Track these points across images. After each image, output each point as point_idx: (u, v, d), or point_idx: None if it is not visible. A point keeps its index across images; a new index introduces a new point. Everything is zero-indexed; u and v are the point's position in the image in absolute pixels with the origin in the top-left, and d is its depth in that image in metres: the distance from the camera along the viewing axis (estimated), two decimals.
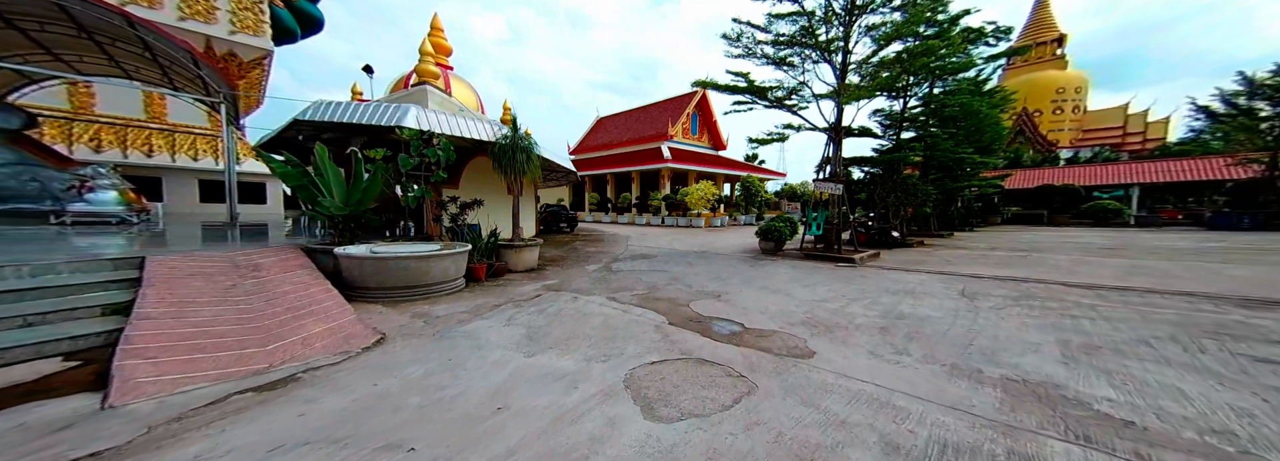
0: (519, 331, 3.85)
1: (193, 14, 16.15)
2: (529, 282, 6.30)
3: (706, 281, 6.59)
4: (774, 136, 10.02)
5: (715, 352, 3.35)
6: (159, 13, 15.54)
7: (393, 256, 4.80)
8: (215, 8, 17.26)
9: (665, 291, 5.79)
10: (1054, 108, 41.24)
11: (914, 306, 4.95)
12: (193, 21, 16.21)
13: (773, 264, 8.57)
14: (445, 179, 6.34)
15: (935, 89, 13.15)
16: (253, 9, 17.47)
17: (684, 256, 9.77)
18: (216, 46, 17.22)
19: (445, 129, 6.69)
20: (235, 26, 17.03)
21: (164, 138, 17.37)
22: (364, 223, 6.22)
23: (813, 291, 5.85)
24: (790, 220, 10.77)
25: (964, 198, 17.48)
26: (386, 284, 4.81)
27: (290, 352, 3.02)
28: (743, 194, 26.34)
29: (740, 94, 9.87)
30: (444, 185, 9.28)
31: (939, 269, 7.81)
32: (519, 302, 4.98)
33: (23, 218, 8.91)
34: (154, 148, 16.94)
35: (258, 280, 4.22)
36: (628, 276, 7.04)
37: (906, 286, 6.22)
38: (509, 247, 7.18)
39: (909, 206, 11.91)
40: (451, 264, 5.35)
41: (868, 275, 7.25)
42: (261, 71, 17.73)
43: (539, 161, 7.47)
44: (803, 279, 6.84)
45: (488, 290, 5.65)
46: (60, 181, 9.42)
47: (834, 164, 9.67)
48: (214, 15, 16.67)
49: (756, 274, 7.32)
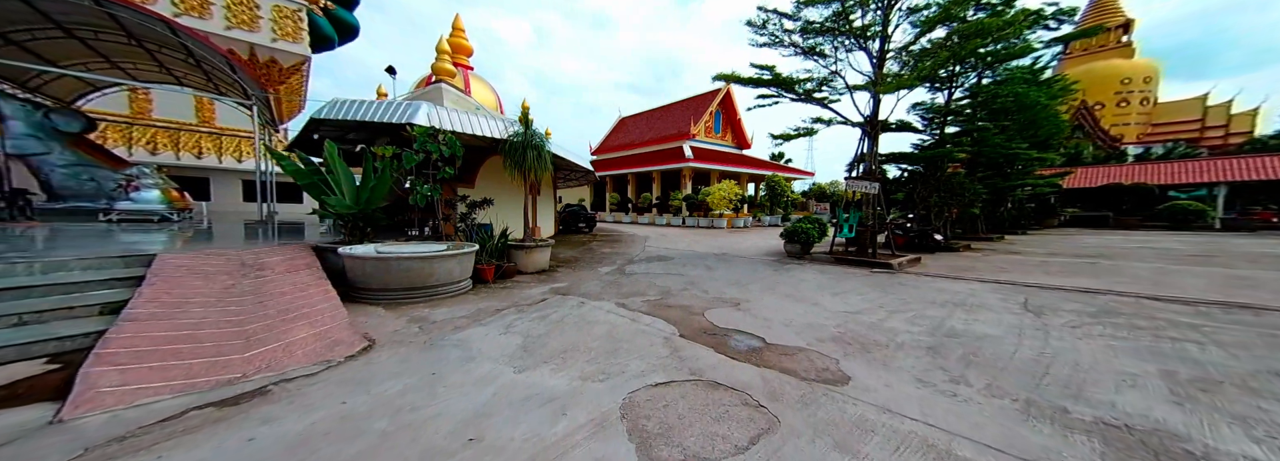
0: (515, 341, 3.54)
1: (238, 23, 17.04)
2: (537, 285, 6.03)
3: (725, 287, 6.11)
4: (801, 131, 9.37)
5: (731, 374, 2.92)
6: (208, 23, 16.47)
7: (395, 257, 4.62)
8: (258, 17, 18.12)
9: (679, 297, 5.37)
10: (1118, 100, 37.71)
11: (968, 322, 4.31)
12: (238, 30, 17.10)
13: (799, 269, 7.96)
14: (452, 176, 6.17)
15: (984, 79, 12.06)
16: (292, 17, 18.29)
17: (702, 259, 9.29)
18: (259, 53, 18.11)
19: (456, 126, 6.53)
20: (276, 34, 17.89)
21: (212, 140, 18.46)
22: (375, 221, 6.14)
23: (845, 301, 5.26)
24: (818, 221, 10.07)
25: (1014, 197, 16.03)
26: (389, 285, 4.64)
27: (269, 360, 2.82)
28: (768, 194, 25.43)
29: (765, 87, 9.28)
30: (459, 184, 9.22)
31: (992, 277, 6.98)
32: (522, 307, 4.69)
33: (72, 215, 9.50)
34: (203, 150, 18.02)
35: (258, 280, 4.12)
36: (641, 280, 6.66)
37: (955, 297, 5.52)
38: (519, 248, 6.95)
39: (955, 207, 10.91)
40: (456, 265, 5.14)
41: (908, 283, 6.55)
42: (301, 76, 18.54)
43: (551, 159, 7.21)
44: (833, 286, 6.24)
45: (493, 293, 5.41)
46: (112, 181, 10.02)
47: (869, 161, 8.93)
48: (257, 24, 17.56)
49: (781, 279, 6.77)
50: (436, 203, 6.28)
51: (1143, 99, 37.13)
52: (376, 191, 5.72)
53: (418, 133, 5.65)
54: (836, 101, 9.42)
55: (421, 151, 5.65)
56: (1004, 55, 9.55)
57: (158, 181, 9.93)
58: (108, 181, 10.10)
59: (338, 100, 6.45)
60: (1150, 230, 17.42)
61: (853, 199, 9.77)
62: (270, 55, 18.75)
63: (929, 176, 10.60)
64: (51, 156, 10.11)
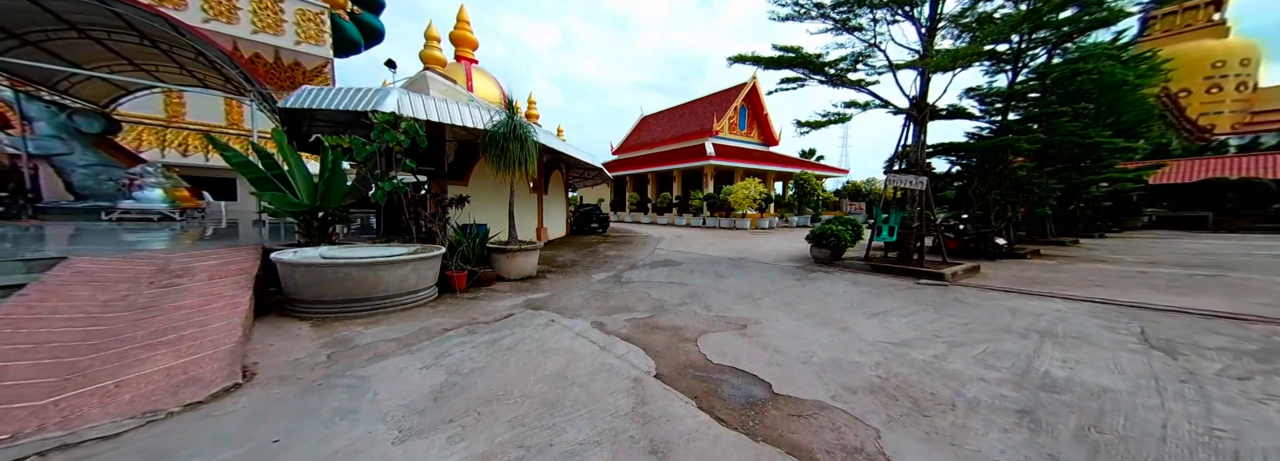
0: (433, 380, 2.68)
1: (263, 27, 17.48)
2: (512, 296, 5.20)
3: (732, 301, 5.05)
4: (831, 118, 8.09)
5: (710, 454, 1.92)
6: (236, 27, 16.95)
7: (329, 263, 3.90)
8: (282, 20, 18.50)
9: (673, 315, 4.37)
10: (1208, 86, 33.07)
11: (1068, 364, 3.08)
12: (264, 34, 17.53)
13: (826, 278, 6.75)
14: (414, 169, 5.46)
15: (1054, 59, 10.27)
16: (314, 20, 18.62)
17: (714, 265, 8.21)
18: (284, 57, 18.53)
19: (431, 115, 5.81)
20: (299, 37, 18.23)
21: (240, 142, 19.05)
22: (344, 220, 5.53)
23: (885, 324, 4.10)
24: (852, 222, 8.76)
25: (1089, 194, 13.85)
26: (323, 296, 3.93)
27: (72, 410, 2.09)
28: (796, 192, 23.77)
29: (788, 68, 8.06)
30: (451, 181, 8.59)
31: (1081, 293, 5.54)
32: (476, 327, 3.85)
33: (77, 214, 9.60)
34: None
35: (165, 290, 3.49)
36: (636, 290, 5.70)
37: (1038, 322, 4.22)
38: (500, 252, 6.16)
39: (1022, 205, 9.25)
40: (411, 272, 4.38)
41: (967, 299, 5.25)
42: (324, 78, 18.83)
43: (537, 151, 6.38)
44: (869, 303, 5.04)
45: (454, 306, 4.62)
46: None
47: (915, 152, 7.55)
48: (281, 27, 17.95)
49: (803, 293, 5.62)
50: (401, 199, 5.58)
51: (1239, 84, 32.34)
52: (333, 187, 5.08)
53: (377, 120, 4.96)
54: (874, 83, 8.10)
55: (379, 141, 4.95)
56: (1087, 23, 7.90)
57: (161, 180, 9.92)
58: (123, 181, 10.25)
59: (305, 89, 5.89)
60: (1267, 234, 14.62)
61: (893, 197, 8.40)
62: (294, 58, 19.14)
63: (989, 170, 9.02)
64: (73, 157, 10.39)
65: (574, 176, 19.83)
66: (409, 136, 5.06)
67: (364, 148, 4.85)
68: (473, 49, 14.15)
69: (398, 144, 4.98)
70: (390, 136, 4.91)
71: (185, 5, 15.61)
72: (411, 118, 5.17)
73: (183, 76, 13.39)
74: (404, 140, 5.01)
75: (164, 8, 14.25)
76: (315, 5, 18.49)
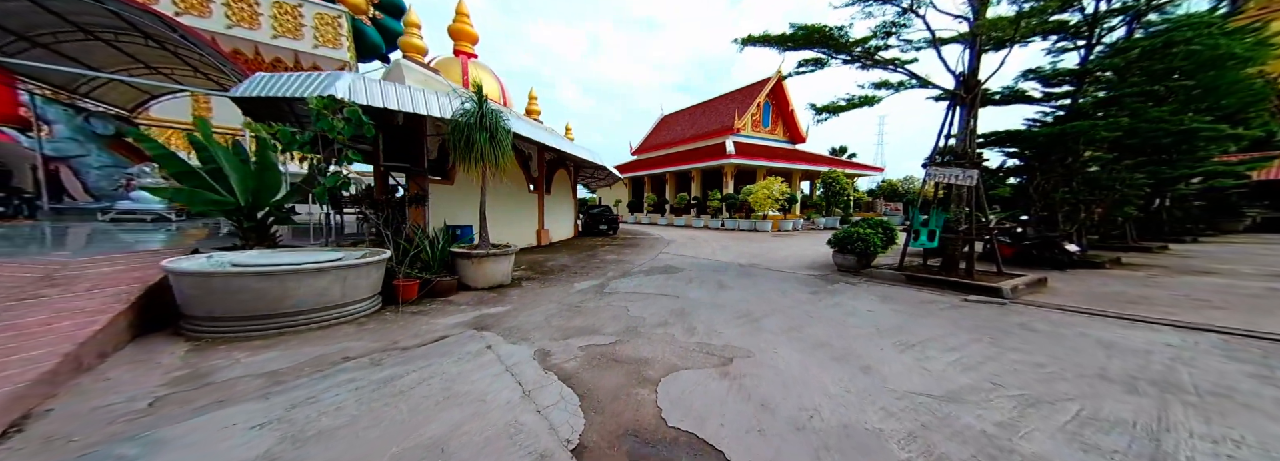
0: (248, 453, 1.90)
1: (283, 32, 17.80)
2: (467, 310, 4.43)
3: (726, 322, 4.07)
4: (855, 101, 6.91)
5: None
6: (257, 33, 17.32)
7: (219, 272, 3.24)
8: (302, 25, 18.81)
9: (643, 341, 3.46)
10: None
11: (1218, 445, 1.94)
12: (284, 39, 17.83)
13: (850, 292, 5.61)
14: (355, 161, 4.81)
15: (1136, 33, 8.61)
16: (333, 24, 18.85)
17: (720, 272, 7.19)
18: (303, 60, 18.88)
19: (390, 103, 5.16)
20: (318, 41, 18.50)
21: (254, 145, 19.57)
22: (278, 219, 4.97)
23: (923, 363, 3.02)
24: (884, 224, 7.52)
25: (1175, 192, 11.77)
26: (215, 312, 3.27)
27: None
28: (824, 192, 22.13)
29: (808, 47, 6.95)
30: (434, 179, 7.99)
31: (1194, 317, 4.19)
32: (387, 355, 3.07)
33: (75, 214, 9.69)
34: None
35: (18, 302, 2.92)
36: (615, 303, 4.82)
37: (1146, 363, 3.02)
38: (466, 258, 5.43)
39: (1098, 205, 7.68)
40: (334, 283, 3.68)
41: (1037, 325, 4.03)
42: None
43: (510, 142, 5.62)
44: (903, 328, 3.93)
45: (387, 323, 3.88)
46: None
47: (965, 141, 6.28)
48: (301, 32, 18.26)
49: (818, 311, 4.55)
50: (341, 195, 4.94)
51: None
52: (266, 182, 4.50)
53: (312, 106, 4.33)
54: (911, 61, 6.86)
55: (315, 129, 4.32)
56: None
57: (159, 180, 9.92)
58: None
59: (258, 76, 5.39)
60: None
61: (934, 196, 7.11)
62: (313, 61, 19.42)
63: (1056, 163, 7.52)
64: (89, 158, 10.66)
65: (584, 176, 19.19)
66: (352, 123, 4.41)
67: (293, 137, 4.23)
68: (472, 43, 13.72)
69: (336, 132, 4.32)
70: (325, 123, 4.27)
71: (209, 12, 16.07)
72: (353, 102, 4.51)
73: (198, 79, 13.67)
74: (343, 127, 4.35)
75: (188, 14, 14.68)
76: (333, 9, 18.75)
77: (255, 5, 17.54)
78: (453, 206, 8.45)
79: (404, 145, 6.69)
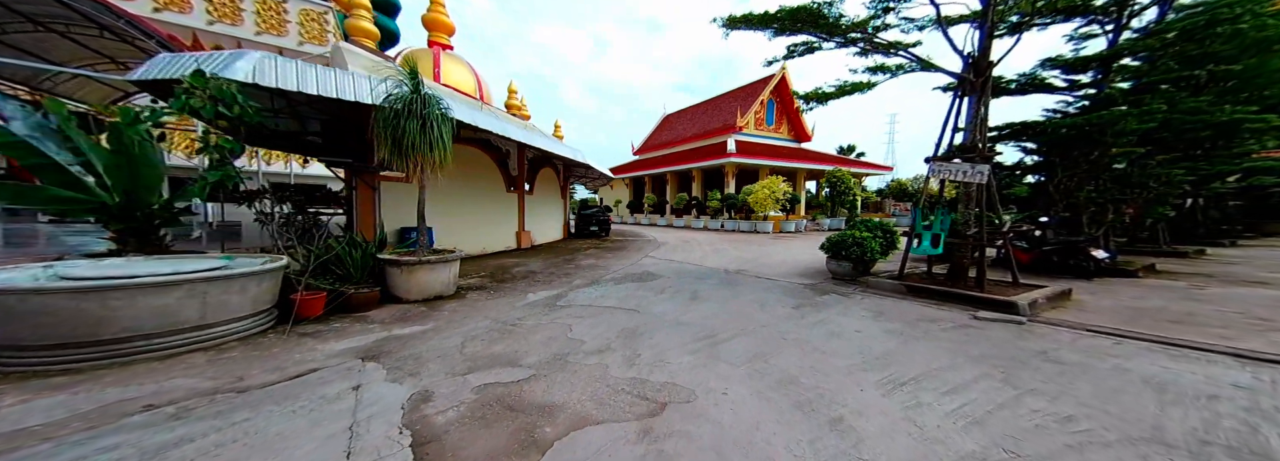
0: None
1: (268, 29, 17.33)
2: (369, 332, 3.75)
3: (681, 347, 3.35)
4: (845, 87, 6.12)
5: None
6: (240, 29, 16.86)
7: (11, 289, 2.59)
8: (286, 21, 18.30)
9: (564, 378, 2.75)
10: None
11: None
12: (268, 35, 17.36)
13: (840, 305, 4.84)
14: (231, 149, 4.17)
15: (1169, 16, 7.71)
16: (318, 20, 18.35)
17: (701, 280, 6.46)
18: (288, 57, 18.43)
19: (305, 86, 4.49)
20: (303, 38, 17.99)
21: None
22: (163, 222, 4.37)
23: (915, 411, 2.28)
24: (883, 227, 6.73)
25: (1211, 190, 10.74)
26: (23, 340, 2.63)
27: None
28: (829, 192, 21.21)
29: (796, 30, 6.17)
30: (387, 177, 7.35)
31: (1259, 343, 3.35)
32: (197, 405, 2.39)
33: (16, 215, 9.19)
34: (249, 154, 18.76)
35: None
36: (561, 321, 4.11)
37: (1214, 413, 2.23)
38: (396, 266, 4.76)
39: (1129, 205, 6.80)
40: (185, 300, 3.03)
41: (1064, 353, 3.23)
42: None
43: (449, 133, 4.94)
44: (894, 356, 3.17)
45: (256, 350, 3.21)
46: None
47: (972, 132, 5.47)
48: (285, 29, 17.73)
49: (795, 331, 3.80)
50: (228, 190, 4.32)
51: None
52: (142, 175, 3.90)
53: (187, 83, 3.70)
54: (913, 44, 6.06)
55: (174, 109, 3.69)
56: None
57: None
58: None
59: (160, 57, 4.77)
60: None
61: (940, 195, 6.30)
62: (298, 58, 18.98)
63: (1079, 158, 6.64)
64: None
65: (577, 176, 18.53)
66: (227, 106, 3.77)
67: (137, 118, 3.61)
68: (448, 34, 13.10)
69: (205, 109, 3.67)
70: (178, 103, 3.64)
71: (190, 8, 15.64)
72: (223, 78, 3.87)
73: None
74: (204, 106, 3.71)
75: (169, 10, 14.26)
76: (318, 5, 18.31)
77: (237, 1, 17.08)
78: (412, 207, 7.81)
79: (345, 138, 6.07)
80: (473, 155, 9.74)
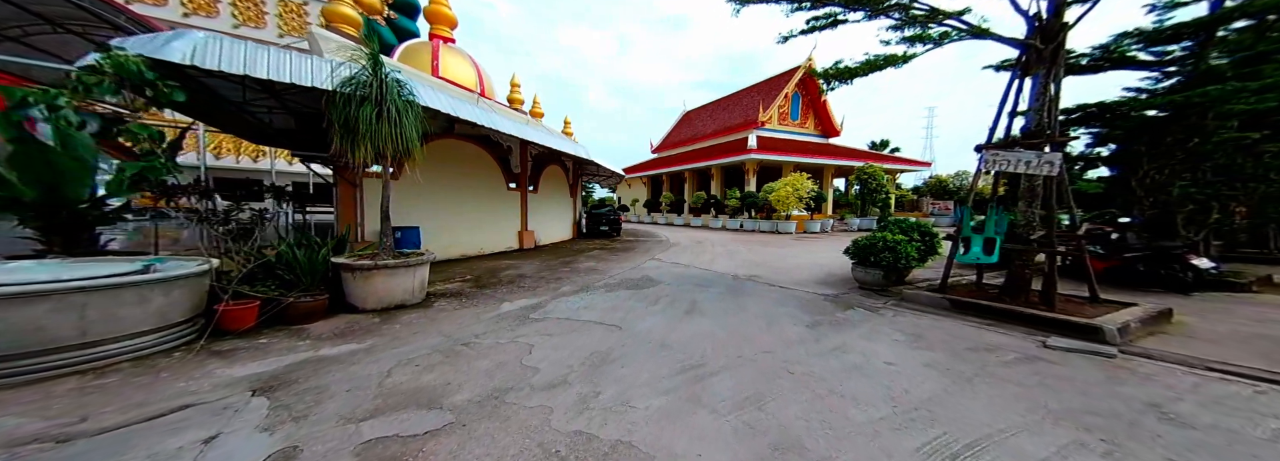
0: None
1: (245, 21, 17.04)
2: (293, 350, 3.19)
3: (655, 381, 2.61)
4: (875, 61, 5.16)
5: None
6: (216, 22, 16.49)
7: None
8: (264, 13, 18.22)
9: (486, 429, 2.07)
10: None
11: None
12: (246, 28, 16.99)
13: (867, 325, 3.95)
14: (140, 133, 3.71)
15: None
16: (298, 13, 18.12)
17: (703, 288, 5.67)
18: None
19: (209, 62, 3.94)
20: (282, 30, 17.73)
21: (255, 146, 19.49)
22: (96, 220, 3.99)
23: None
24: (921, 229, 5.75)
25: None
26: None
27: None
28: (859, 189, 19.78)
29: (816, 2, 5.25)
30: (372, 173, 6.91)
31: None
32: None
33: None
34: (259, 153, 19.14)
35: None
36: (521, 340, 3.45)
37: None
38: (351, 271, 4.23)
39: (1239, 202, 5.52)
40: (56, 314, 2.56)
41: (1181, 408, 2.27)
42: None
43: (414, 122, 4.37)
44: (940, 406, 2.30)
45: (142, 375, 2.69)
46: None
47: (1037, 114, 4.44)
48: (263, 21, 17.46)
49: (807, 362, 2.97)
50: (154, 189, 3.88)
51: None
52: (66, 168, 3.51)
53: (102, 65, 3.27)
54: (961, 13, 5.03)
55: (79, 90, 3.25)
56: None
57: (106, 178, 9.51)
58: None
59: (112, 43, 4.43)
60: None
61: (993, 192, 5.25)
62: None
63: (1173, 145, 5.43)
64: None
65: (589, 174, 17.95)
66: (135, 85, 3.31)
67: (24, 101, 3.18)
68: (450, 27, 12.75)
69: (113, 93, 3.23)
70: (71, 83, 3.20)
71: (165, 1, 15.52)
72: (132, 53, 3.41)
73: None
74: (103, 84, 3.25)
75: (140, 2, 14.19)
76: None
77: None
78: (403, 205, 7.37)
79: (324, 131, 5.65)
80: (471, 151, 9.28)
